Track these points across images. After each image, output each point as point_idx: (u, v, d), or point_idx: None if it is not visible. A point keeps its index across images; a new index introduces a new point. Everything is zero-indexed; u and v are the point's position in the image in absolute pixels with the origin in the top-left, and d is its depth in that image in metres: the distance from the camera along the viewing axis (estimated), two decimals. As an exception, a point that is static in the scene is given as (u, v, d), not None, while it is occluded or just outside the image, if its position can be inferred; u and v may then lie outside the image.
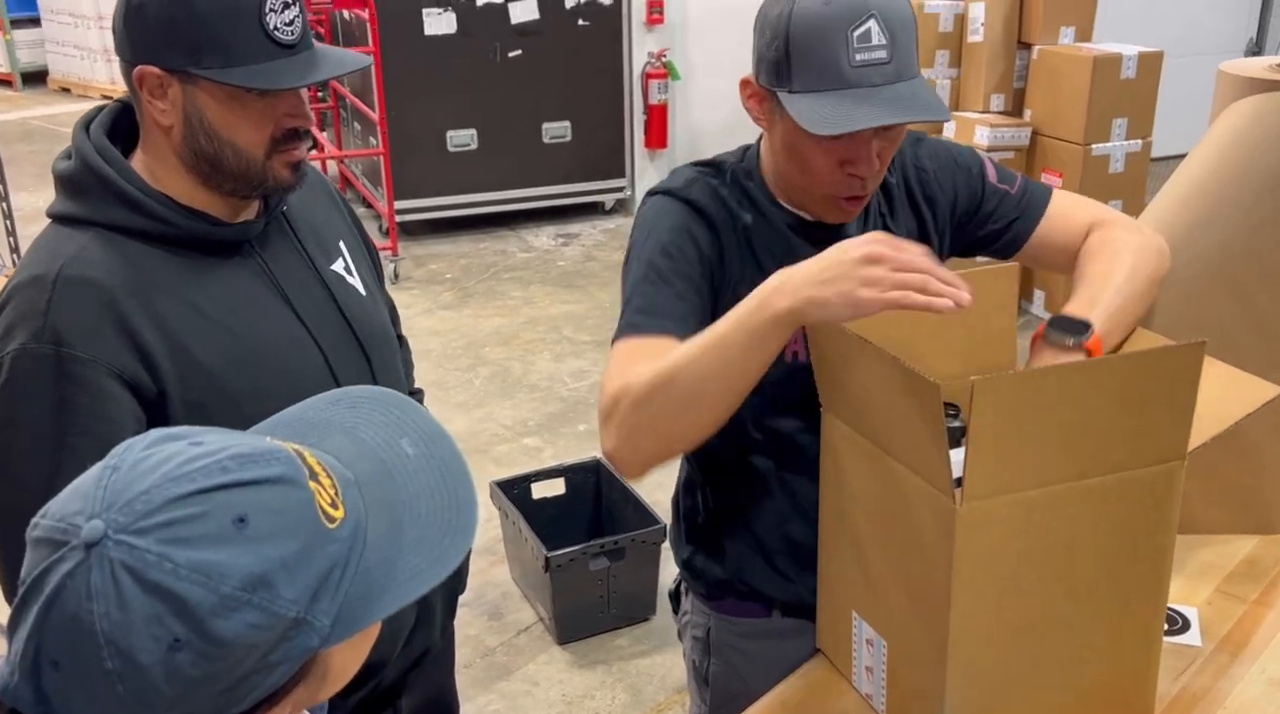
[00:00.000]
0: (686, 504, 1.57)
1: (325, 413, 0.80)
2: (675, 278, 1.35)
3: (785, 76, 1.28)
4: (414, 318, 5.15)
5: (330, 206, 1.51)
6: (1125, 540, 1.18)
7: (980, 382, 1.05)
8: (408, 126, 5.76)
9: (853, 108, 1.23)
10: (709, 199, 1.39)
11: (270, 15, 1.23)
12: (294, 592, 0.67)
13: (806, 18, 1.25)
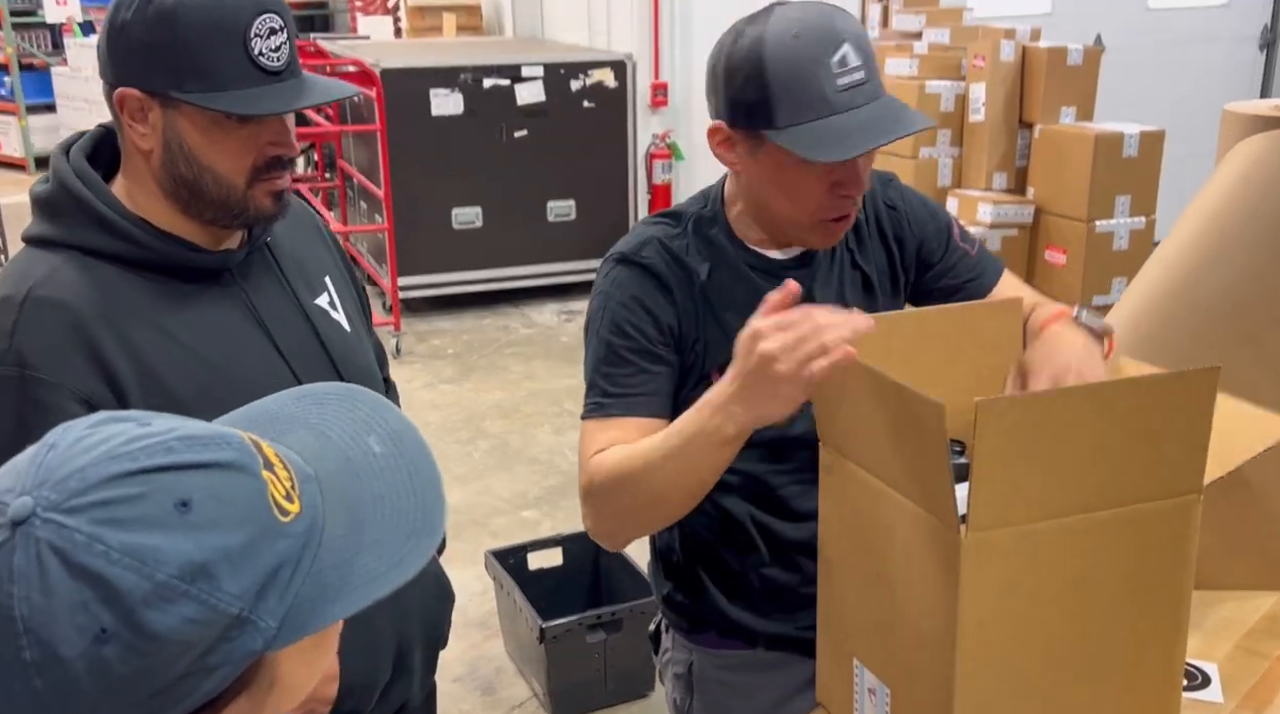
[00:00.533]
0: (662, 541, 1.56)
1: (290, 408, 0.75)
2: (633, 356, 1.38)
3: (766, 115, 1.29)
4: (414, 392, 5.11)
5: (318, 241, 1.48)
6: (1140, 580, 1.12)
7: (984, 403, 1.00)
8: (413, 204, 5.79)
9: (849, 131, 1.25)
10: (663, 261, 1.41)
11: (256, 41, 1.21)
12: (238, 586, 0.61)
13: (781, 54, 1.27)
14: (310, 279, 1.41)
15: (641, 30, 6.15)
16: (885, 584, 1.18)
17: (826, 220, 1.35)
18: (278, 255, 1.37)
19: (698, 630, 1.52)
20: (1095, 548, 1.09)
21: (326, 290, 1.42)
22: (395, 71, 5.67)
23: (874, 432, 1.14)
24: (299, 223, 1.45)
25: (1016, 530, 1.06)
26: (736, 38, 1.33)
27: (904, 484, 1.12)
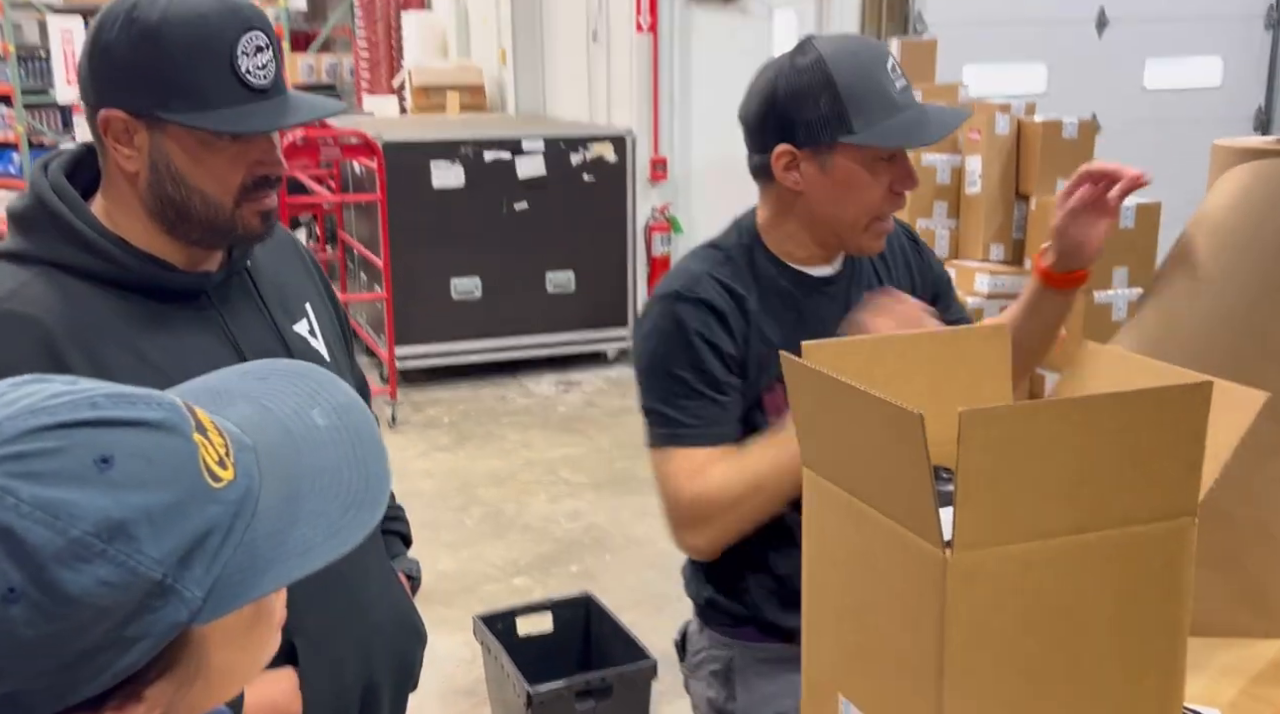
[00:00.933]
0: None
1: (232, 383, 0.72)
2: (705, 387, 1.51)
3: (844, 123, 1.45)
4: (408, 460, 5.06)
5: (300, 268, 1.46)
6: (1134, 607, 1.07)
7: (968, 414, 0.96)
8: (412, 274, 5.81)
9: (919, 123, 1.45)
10: (717, 294, 1.53)
11: (242, 59, 1.20)
12: (159, 549, 0.58)
13: (848, 68, 1.45)
14: (290, 305, 1.38)
15: (641, 106, 6.22)
16: (868, 612, 1.14)
17: (880, 219, 1.53)
18: (257, 280, 1.35)
19: (738, 625, 1.63)
20: (1086, 571, 1.04)
21: (306, 317, 1.40)
22: (397, 144, 5.73)
23: (854, 450, 1.10)
24: (280, 247, 1.43)
25: (1004, 550, 1.01)
26: (788, 68, 1.48)
27: (885, 503, 1.08)
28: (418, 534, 1.70)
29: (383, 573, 1.45)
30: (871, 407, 1.04)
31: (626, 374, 6.32)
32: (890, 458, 1.04)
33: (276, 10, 12.12)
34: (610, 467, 4.89)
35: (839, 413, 1.11)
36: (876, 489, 1.09)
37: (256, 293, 1.34)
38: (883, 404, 1.02)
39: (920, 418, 0.97)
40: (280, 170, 1.27)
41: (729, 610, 1.63)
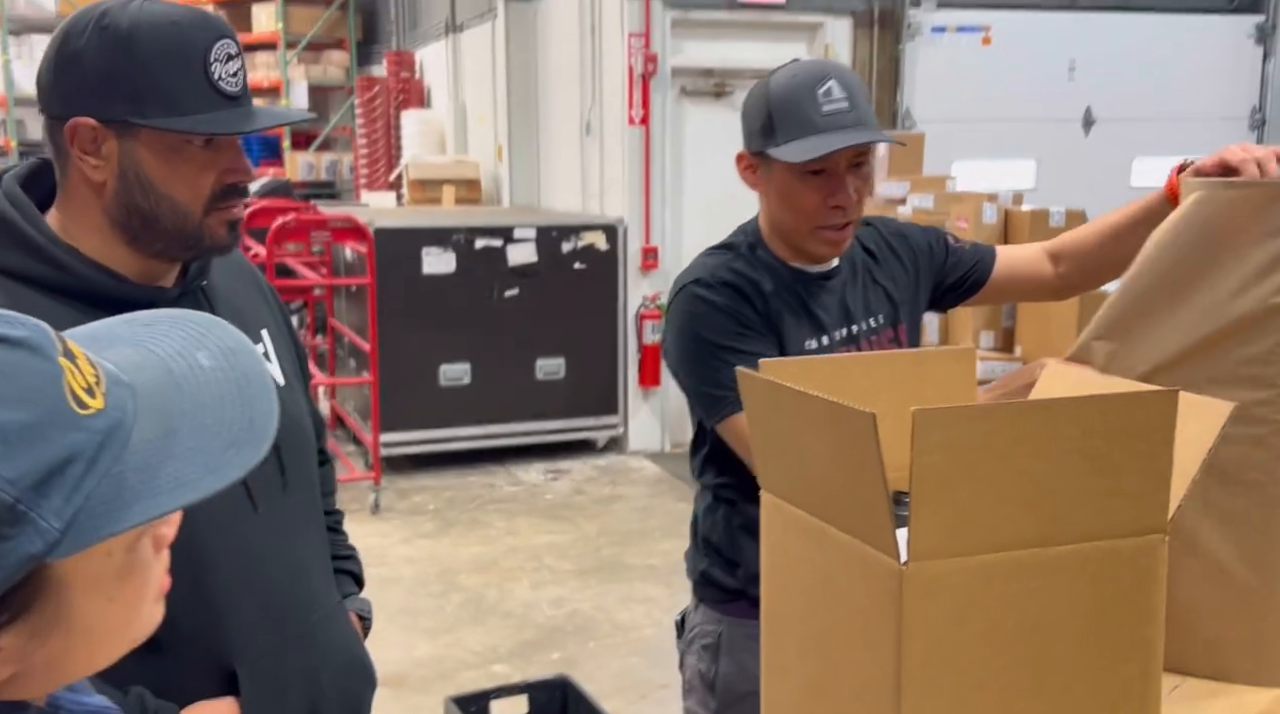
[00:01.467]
0: (705, 524, 1.77)
1: (116, 329, 0.69)
2: (741, 355, 1.56)
3: (771, 135, 1.60)
4: (390, 547, 4.97)
5: (257, 295, 1.44)
6: (1104, 628, 1.01)
7: (923, 414, 0.92)
8: (401, 360, 5.78)
9: (825, 139, 1.54)
10: (735, 276, 1.66)
11: (215, 65, 1.20)
12: (13, 470, 0.53)
13: (782, 86, 1.59)
14: (246, 327, 1.35)
15: (633, 196, 6.28)
16: (829, 640, 1.08)
17: (823, 228, 1.62)
18: (213, 300, 1.32)
19: (730, 601, 1.72)
20: (1051, 588, 0.99)
21: (262, 341, 1.37)
22: (388, 230, 5.77)
23: (810, 462, 1.06)
24: (239, 273, 1.42)
25: (964, 562, 0.96)
26: (756, 84, 1.66)
27: (843, 517, 1.03)
28: (395, 621, 1.67)
29: (332, 607, 1.39)
30: (823, 411, 1.00)
31: (616, 462, 6.25)
32: (844, 464, 0.99)
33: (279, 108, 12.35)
34: (597, 554, 4.80)
35: (793, 423, 1.07)
36: (833, 502, 1.04)
37: (211, 312, 1.31)
38: (834, 406, 0.98)
39: (872, 417, 0.93)
40: (249, 178, 1.27)
41: (722, 584, 1.73)
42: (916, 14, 6.69)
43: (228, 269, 1.38)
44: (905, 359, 1.30)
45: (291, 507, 1.32)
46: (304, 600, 1.32)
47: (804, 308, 1.66)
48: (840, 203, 1.60)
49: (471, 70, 9.19)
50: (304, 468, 1.37)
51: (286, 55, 12.15)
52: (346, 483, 5.68)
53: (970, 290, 1.83)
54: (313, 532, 1.38)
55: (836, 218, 1.60)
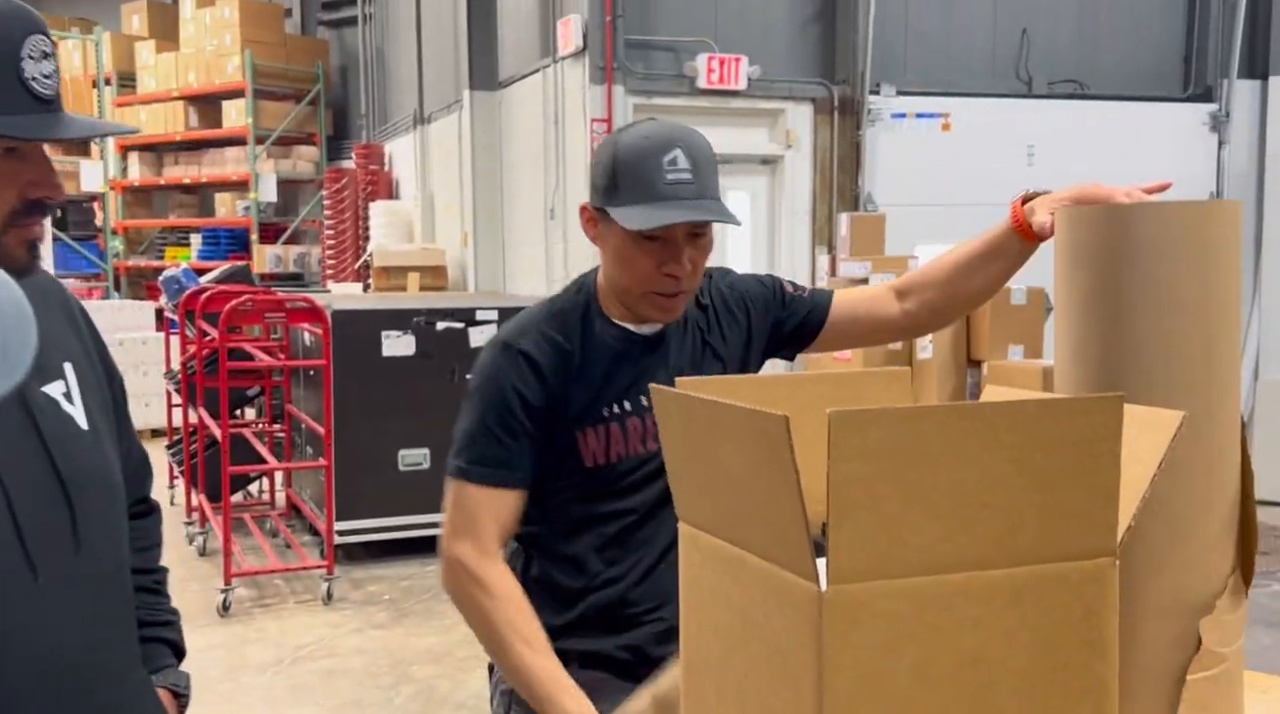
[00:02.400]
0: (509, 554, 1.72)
1: None
2: (506, 434, 1.60)
3: (613, 194, 1.57)
4: (340, 637, 4.78)
5: (65, 323, 1.28)
6: (1051, 664, 0.91)
7: (839, 416, 0.83)
8: (359, 445, 5.65)
9: (664, 212, 1.53)
10: (538, 348, 1.63)
11: (28, 63, 1.09)
12: None
13: (629, 149, 1.57)
14: (42, 362, 1.18)
15: (596, 279, 6.23)
16: (746, 679, 0.97)
17: (655, 294, 1.60)
18: None
19: None
20: (990, 617, 0.89)
21: (63, 378, 1.21)
22: (346, 312, 5.68)
23: (722, 479, 0.96)
24: (44, 299, 1.22)
25: (891, 586, 0.86)
26: (607, 138, 1.65)
27: (757, 539, 0.93)
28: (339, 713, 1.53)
29: (134, 686, 1.24)
30: (734, 420, 0.91)
31: (578, 550, 6.08)
32: (759, 477, 0.90)
33: (248, 202, 12.39)
34: (554, 642, 4.62)
35: (706, 439, 0.98)
36: (749, 525, 0.94)
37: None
38: (745, 413, 0.89)
39: (784, 421, 0.84)
40: (58, 195, 1.14)
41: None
42: (876, 101, 6.78)
43: (29, 292, 1.25)
44: (835, 381, 1.21)
45: (85, 571, 1.16)
46: (97, 681, 1.16)
47: (613, 370, 1.64)
48: (673, 272, 1.58)
49: (439, 160, 9.24)
50: (104, 525, 1.21)
51: (256, 150, 12.20)
52: (298, 572, 5.50)
53: (809, 337, 1.80)
54: (113, 598, 1.22)
55: (669, 286, 1.59)
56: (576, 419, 1.62)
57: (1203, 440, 1.17)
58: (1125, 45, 7.41)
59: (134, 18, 13.52)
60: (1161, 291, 1.19)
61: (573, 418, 1.62)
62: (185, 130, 12.60)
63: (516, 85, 7.68)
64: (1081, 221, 1.25)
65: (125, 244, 13.23)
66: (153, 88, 12.79)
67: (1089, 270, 1.23)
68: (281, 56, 12.51)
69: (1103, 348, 1.22)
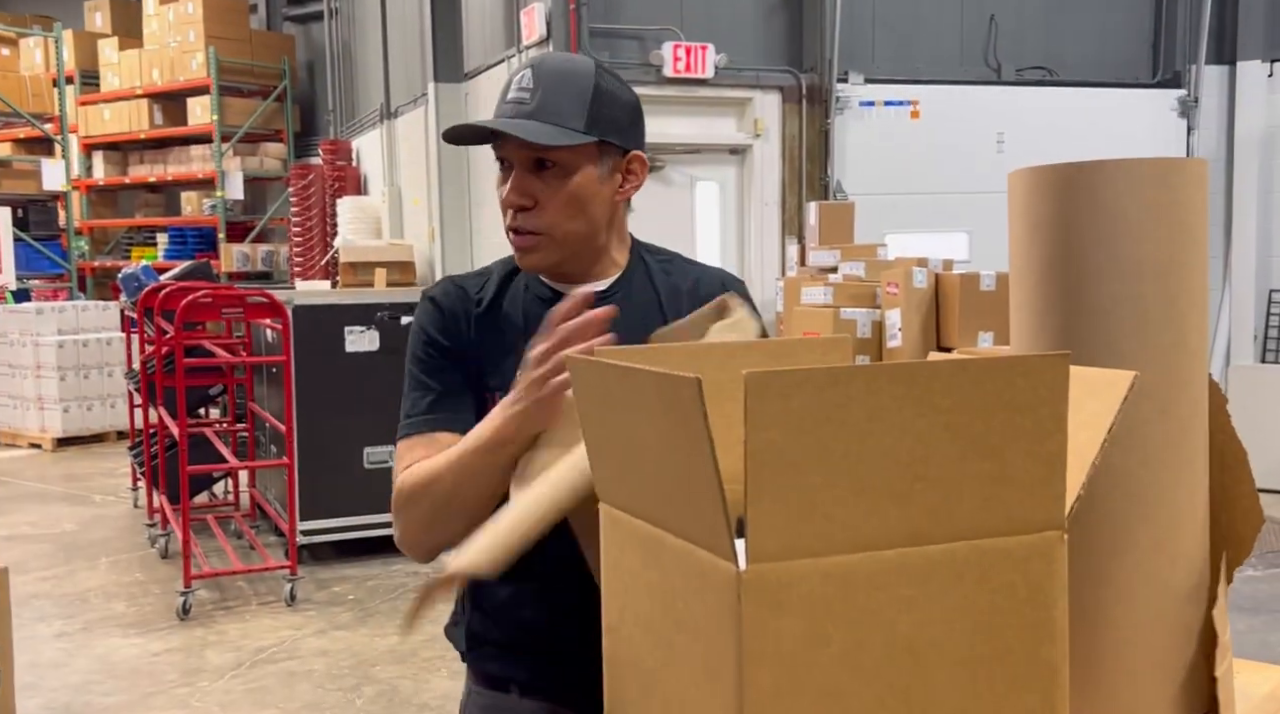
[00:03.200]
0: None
1: None
2: (428, 377, 1.51)
3: None
4: (303, 639, 4.68)
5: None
6: (995, 649, 0.83)
7: (756, 378, 0.75)
8: (323, 443, 5.55)
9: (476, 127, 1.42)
10: (444, 291, 1.55)
11: None
12: None
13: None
14: None
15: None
16: (665, 671, 0.89)
17: (508, 230, 1.47)
18: None
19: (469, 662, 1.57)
20: (927, 597, 0.81)
21: None
22: (306, 307, 5.57)
23: (639, 453, 0.88)
24: None
25: (817, 565, 0.78)
26: None
27: (676, 517, 0.85)
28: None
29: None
30: (646, 385, 0.83)
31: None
32: (673, 446, 0.81)
33: (214, 201, 12.23)
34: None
35: (621, 409, 0.90)
36: (665, 500, 0.86)
37: None
38: (657, 377, 0.81)
39: (696, 382, 0.76)
40: None
41: (455, 642, 1.58)
42: (844, 89, 6.71)
43: None
44: (771, 349, 1.13)
45: None
46: None
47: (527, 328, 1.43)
48: (507, 202, 1.45)
49: (406, 155, 9.13)
50: None
51: (222, 147, 12.04)
52: (261, 573, 5.39)
53: None
54: None
55: (508, 219, 1.46)
56: (488, 375, 1.48)
57: (1170, 412, 1.09)
58: (1093, 31, 7.37)
59: (96, 14, 13.32)
60: (1125, 255, 1.12)
61: (486, 372, 1.48)
62: (150, 128, 12.43)
63: (482, 76, 7.57)
64: (1037, 184, 1.17)
65: (90, 244, 13.03)
66: (116, 85, 12.61)
67: (1046, 234, 1.16)
68: (247, 52, 12.36)
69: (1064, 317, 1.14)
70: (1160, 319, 1.12)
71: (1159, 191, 1.12)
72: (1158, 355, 1.10)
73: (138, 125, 12.45)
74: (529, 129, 1.39)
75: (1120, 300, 1.12)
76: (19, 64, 12.55)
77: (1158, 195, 1.11)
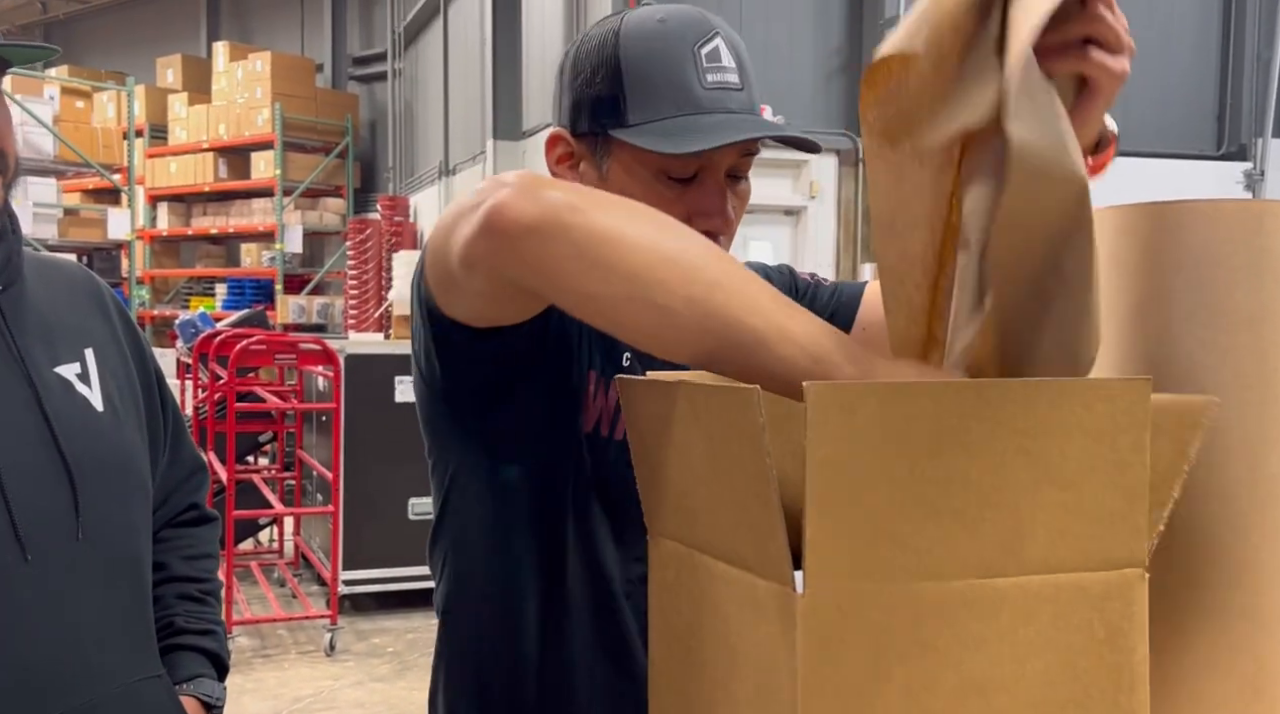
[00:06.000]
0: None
1: None
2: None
3: (617, 110, 1.06)
4: (340, 690, 4.63)
5: (93, 311, 1.24)
6: (1069, 692, 0.78)
7: (817, 390, 0.71)
8: (368, 492, 5.53)
9: (713, 128, 1.03)
10: None
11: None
12: None
13: (641, 38, 1.06)
14: (57, 342, 1.15)
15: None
16: (717, 710, 0.84)
17: None
18: (17, 309, 1.13)
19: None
20: (1000, 634, 0.76)
21: (81, 360, 1.16)
22: (359, 357, 5.60)
23: (696, 481, 0.84)
24: (70, 286, 1.23)
25: (881, 592, 0.73)
26: (586, 34, 1.13)
27: (728, 541, 0.80)
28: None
29: (129, 684, 1.13)
30: (701, 400, 0.79)
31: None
32: (729, 466, 0.77)
33: (273, 253, 12.43)
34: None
35: (672, 428, 0.86)
36: (719, 525, 0.82)
37: (3, 322, 1.11)
38: (712, 390, 0.77)
39: (756, 392, 0.72)
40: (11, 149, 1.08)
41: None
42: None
43: (54, 280, 1.20)
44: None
45: (87, 558, 1.09)
46: (76, 674, 1.07)
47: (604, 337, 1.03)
48: (712, 223, 1.07)
49: (462, 211, 9.22)
50: (116, 512, 1.14)
51: (283, 201, 12.27)
52: (301, 621, 5.36)
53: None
54: (120, 592, 1.14)
55: None
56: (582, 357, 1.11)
57: (1259, 470, 1.03)
58: (1158, 102, 7.31)
59: (168, 71, 13.72)
60: (1214, 301, 1.06)
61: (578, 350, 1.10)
62: (214, 181, 12.71)
63: (540, 134, 7.67)
64: (1124, 223, 1.13)
65: (151, 293, 13.29)
66: (184, 139, 12.93)
67: (1131, 276, 1.10)
68: (311, 110, 12.64)
69: (1147, 366, 1.09)
70: (1251, 371, 1.06)
71: (1252, 236, 1.06)
72: (1248, 410, 1.05)
73: (202, 178, 12.74)
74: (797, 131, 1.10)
75: (1210, 349, 1.06)
76: (91, 116, 12.92)
77: (1250, 239, 1.06)
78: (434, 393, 1.16)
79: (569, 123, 1.11)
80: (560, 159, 1.14)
